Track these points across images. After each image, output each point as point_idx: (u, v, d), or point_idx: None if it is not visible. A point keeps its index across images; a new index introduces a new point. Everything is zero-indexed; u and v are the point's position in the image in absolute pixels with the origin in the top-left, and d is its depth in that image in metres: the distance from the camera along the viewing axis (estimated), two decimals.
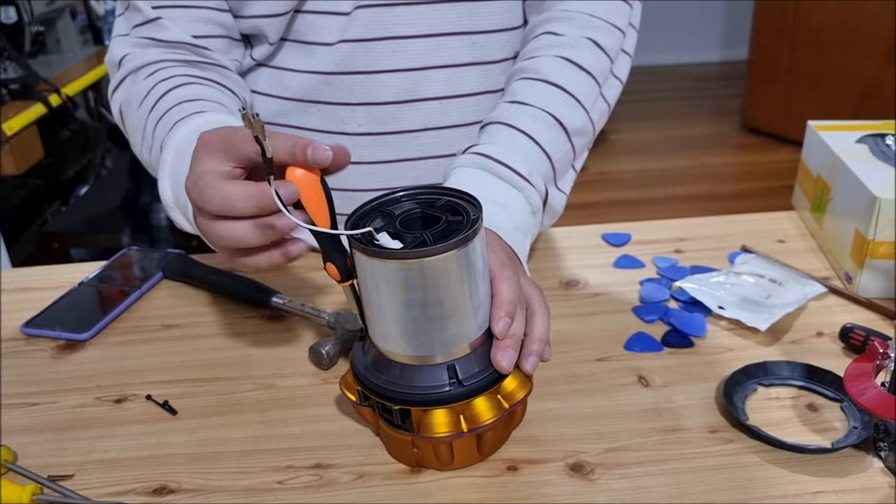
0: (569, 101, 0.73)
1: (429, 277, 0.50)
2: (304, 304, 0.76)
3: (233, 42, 0.80)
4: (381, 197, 0.56)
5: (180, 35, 0.75)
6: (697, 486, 0.56)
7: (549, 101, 0.72)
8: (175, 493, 0.57)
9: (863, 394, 0.56)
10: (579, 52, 0.74)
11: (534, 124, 0.71)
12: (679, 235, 0.92)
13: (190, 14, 0.75)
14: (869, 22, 3.11)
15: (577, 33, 0.75)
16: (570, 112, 0.73)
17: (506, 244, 0.64)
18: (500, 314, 0.54)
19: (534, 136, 0.70)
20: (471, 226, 0.51)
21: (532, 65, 0.74)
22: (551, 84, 0.73)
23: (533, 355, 0.56)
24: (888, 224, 0.75)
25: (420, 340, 0.53)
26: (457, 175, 0.69)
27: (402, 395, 0.54)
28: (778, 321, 0.73)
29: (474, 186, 0.65)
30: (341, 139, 0.79)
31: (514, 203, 0.68)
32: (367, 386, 0.56)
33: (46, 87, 2.06)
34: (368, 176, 0.80)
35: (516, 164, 0.68)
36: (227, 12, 0.77)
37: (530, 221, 0.69)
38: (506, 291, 0.54)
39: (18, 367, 0.72)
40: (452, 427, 0.54)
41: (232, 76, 0.79)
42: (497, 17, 0.77)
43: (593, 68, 0.75)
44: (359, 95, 0.77)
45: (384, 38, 0.75)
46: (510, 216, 0.66)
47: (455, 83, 0.78)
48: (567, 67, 0.73)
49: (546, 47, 0.75)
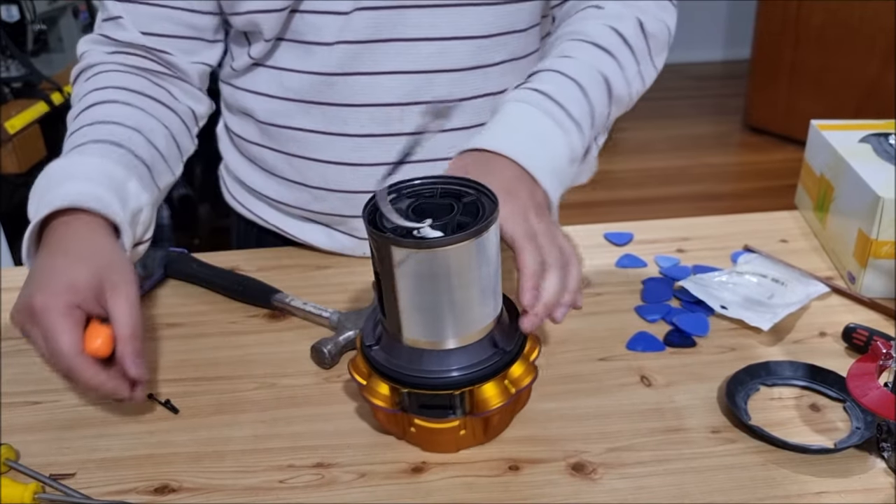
0: (615, 65, 0.73)
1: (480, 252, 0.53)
2: (306, 303, 0.76)
3: (205, 44, 0.79)
4: (396, 184, 0.57)
5: (135, 37, 0.76)
6: (699, 486, 0.56)
7: (598, 61, 0.72)
8: (176, 491, 0.57)
9: (866, 394, 0.56)
10: (624, 26, 0.75)
11: (583, 76, 0.71)
12: (681, 235, 0.91)
13: (154, 12, 0.75)
14: (871, 21, 3.11)
15: (624, 10, 0.76)
16: (615, 76, 0.73)
17: (540, 189, 0.64)
18: (527, 286, 0.56)
19: (583, 85, 0.70)
20: (489, 214, 0.53)
21: (579, 28, 0.75)
22: (600, 47, 0.73)
23: (563, 307, 0.58)
24: (891, 224, 0.74)
25: (469, 318, 0.55)
26: (506, 109, 0.68)
27: (456, 380, 0.55)
28: (781, 321, 0.73)
29: (522, 120, 0.66)
30: (342, 141, 0.79)
31: (556, 145, 0.67)
32: (413, 384, 0.56)
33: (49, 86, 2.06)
34: (370, 178, 0.80)
35: (568, 105, 0.68)
36: (199, 13, 0.77)
37: (566, 170, 0.68)
38: (530, 262, 0.57)
39: (20, 366, 0.72)
40: (504, 396, 0.56)
41: (183, 85, 0.79)
42: (499, 20, 0.77)
43: (635, 45, 0.75)
44: (361, 97, 0.77)
45: (388, 41, 0.75)
46: (550, 159, 0.66)
47: (458, 87, 0.78)
48: (612, 35, 0.74)
49: (592, 17, 0.76)
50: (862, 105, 3.19)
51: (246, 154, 0.88)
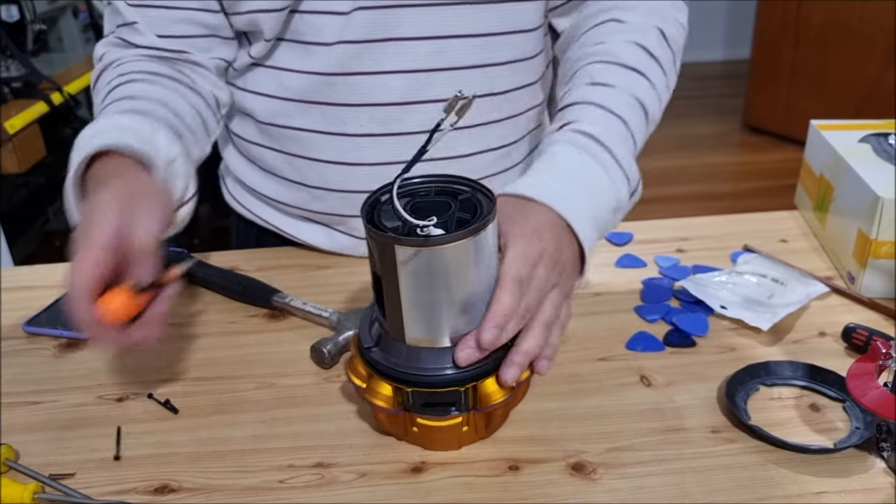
0: (647, 86, 0.71)
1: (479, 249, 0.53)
2: (305, 303, 0.76)
3: (221, 41, 0.80)
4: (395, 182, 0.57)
5: (152, 40, 0.76)
6: (699, 486, 0.56)
7: (632, 85, 0.70)
8: (176, 492, 0.57)
9: (865, 394, 0.56)
10: (648, 39, 0.73)
11: (623, 107, 0.68)
12: (681, 235, 0.91)
13: (168, 15, 0.76)
14: (871, 21, 3.11)
15: (644, 21, 0.74)
16: (650, 97, 0.71)
17: (574, 243, 0.60)
18: (488, 324, 0.53)
19: (626, 119, 0.68)
20: (487, 212, 0.53)
21: (604, 49, 0.73)
22: (630, 68, 0.71)
23: (546, 360, 0.57)
24: (891, 224, 0.74)
25: (473, 314, 0.55)
26: (552, 151, 0.65)
27: (460, 376, 0.55)
28: (780, 321, 0.73)
29: (568, 166, 0.63)
30: (342, 140, 0.79)
31: (601, 193, 0.64)
32: (417, 383, 0.55)
33: (49, 86, 2.06)
34: (369, 178, 0.80)
35: (615, 148, 0.65)
36: (212, 12, 0.77)
37: (608, 218, 0.65)
38: (504, 302, 0.54)
39: (20, 366, 0.72)
40: (506, 390, 0.56)
41: (204, 73, 0.79)
42: (502, 19, 0.77)
43: (661, 57, 0.73)
44: (360, 97, 0.77)
45: (387, 40, 0.75)
46: (592, 207, 0.63)
47: (458, 85, 0.78)
48: (639, 52, 0.72)
49: (614, 33, 0.74)
50: (862, 105, 3.19)
51: (245, 154, 0.88)
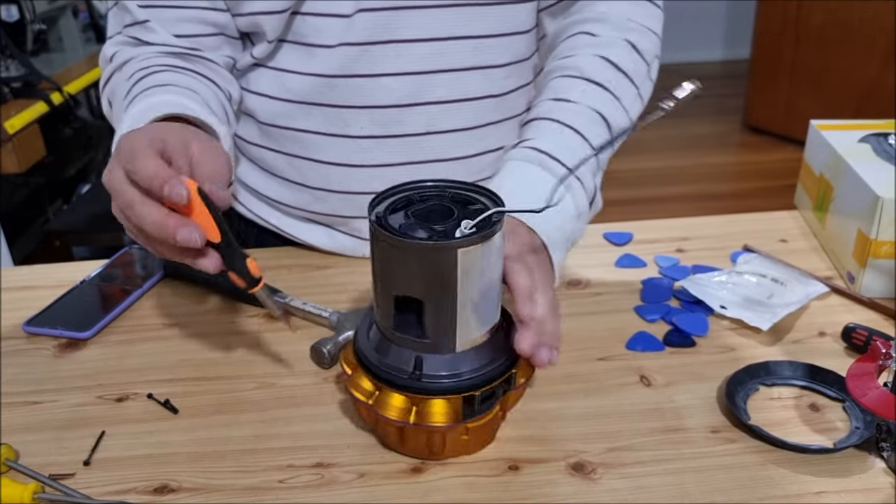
0: (610, 99, 0.73)
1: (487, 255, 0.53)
2: (305, 303, 0.76)
3: (228, 39, 0.80)
4: (402, 186, 0.57)
5: (166, 38, 0.76)
6: (699, 486, 0.56)
7: (593, 99, 0.72)
8: (176, 492, 0.57)
9: (865, 394, 0.56)
10: (617, 53, 0.74)
11: (580, 120, 0.70)
12: (681, 235, 0.91)
13: (179, 14, 0.76)
14: (871, 21, 3.11)
15: (615, 34, 0.76)
16: (613, 110, 0.72)
17: (546, 255, 0.63)
18: (522, 298, 0.56)
19: (582, 131, 0.70)
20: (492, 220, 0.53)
21: (572, 63, 0.74)
22: (593, 82, 0.73)
23: (546, 347, 0.57)
24: (891, 224, 0.74)
25: (496, 306, 0.56)
26: (507, 167, 0.68)
27: (479, 378, 0.55)
28: (780, 321, 0.73)
29: (526, 182, 0.66)
30: (344, 142, 0.79)
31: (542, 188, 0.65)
32: (474, 385, 0.55)
33: (48, 86, 2.06)
34: (371, 179, 0.80)
35: (567, 160, 0.67)
36: (221, 11, 0.77)
37: (574, 226, 0.67)
38: (523, 281, 0.56)
39: (20, 366, 0.72)
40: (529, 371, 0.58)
41: (218, 69, 0.79)
42: (500, 21, 0.77)
43: (630, 70, 0.75)
44: (361, 98, 0.77)
45: (387, 42, 0.75)
46: (555, 212, 0.64)
47: (458, 87, 0.78)
48: (606, 67, 0.74)
49: (583, 46, 0.75)
50: (862, 105, 3.19)
51: (247, 154, 0.88)
